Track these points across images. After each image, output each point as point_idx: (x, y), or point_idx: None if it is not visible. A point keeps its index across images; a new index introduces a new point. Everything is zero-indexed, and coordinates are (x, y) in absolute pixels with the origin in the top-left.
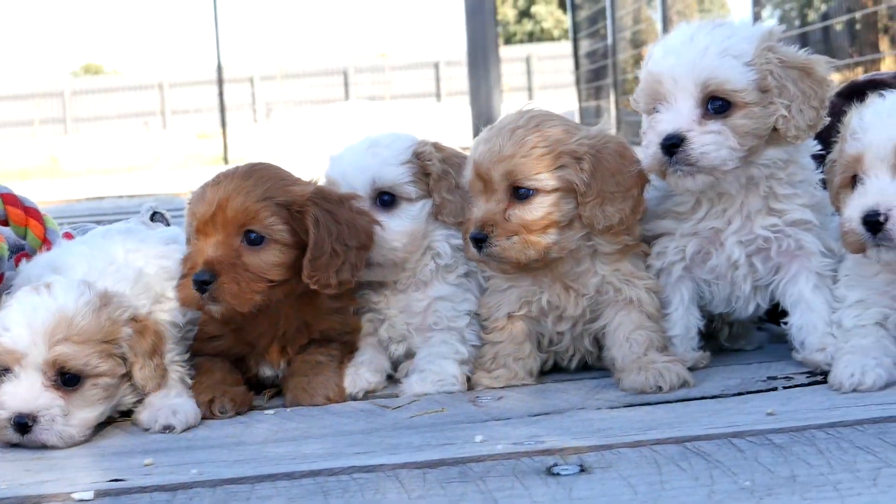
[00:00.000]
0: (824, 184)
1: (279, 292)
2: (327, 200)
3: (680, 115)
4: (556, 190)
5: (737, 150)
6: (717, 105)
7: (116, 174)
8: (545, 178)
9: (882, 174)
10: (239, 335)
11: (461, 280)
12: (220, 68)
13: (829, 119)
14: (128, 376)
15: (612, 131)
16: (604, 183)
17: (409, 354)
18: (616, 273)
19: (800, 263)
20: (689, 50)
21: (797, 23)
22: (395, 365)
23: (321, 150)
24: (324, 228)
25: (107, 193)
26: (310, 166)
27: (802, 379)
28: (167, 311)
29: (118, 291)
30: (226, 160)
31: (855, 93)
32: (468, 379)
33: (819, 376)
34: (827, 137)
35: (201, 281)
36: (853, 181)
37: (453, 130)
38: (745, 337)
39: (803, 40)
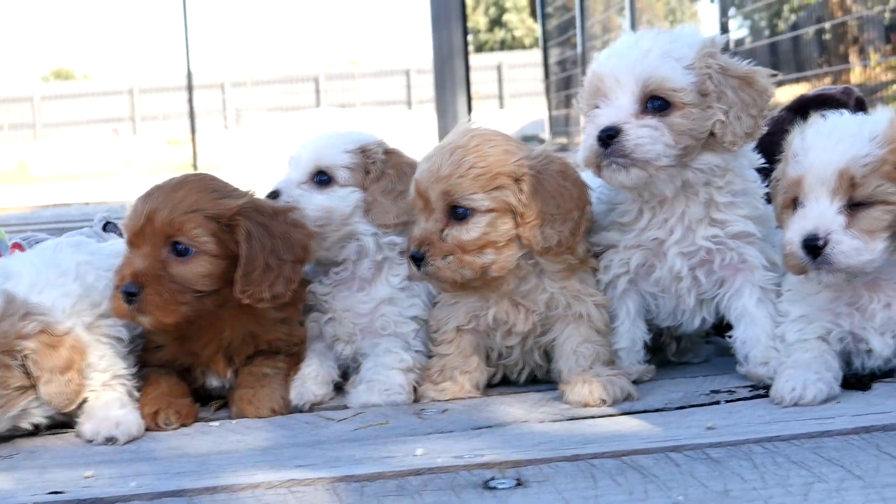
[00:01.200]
0: (769, 198)
1: (208, 303)
2: (260, 213)
3: (619, 109)
4: (492, 210)
5: (671, 147)
6: (656, 104)
7: (86, 180)
8: (481, 199)
9: (822, 198)
10: (184, 345)
11: (406, 283)
12: (189, 75)
13: (766, 128)
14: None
15: (557, 151)
16: (544, 204)
17: (357, 358)
18: (564, 290)
19: (743, 277)
20: (632, 52)
21: (767, 32)
22: (345, 372)
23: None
24: (256, 242)
25: (75, 200)
26: (280, 173)
27: (745, 392)
28: (112, 325)
29: (44, 304)
30: (195, 166)
31: (803, 107)
32: (415, 389)
33: (762, 390)
34: (772, 151)
35: (128, 293)
36: (794, 202)
37: (423, 138)
38: (693, 351)
39: (773, 50)
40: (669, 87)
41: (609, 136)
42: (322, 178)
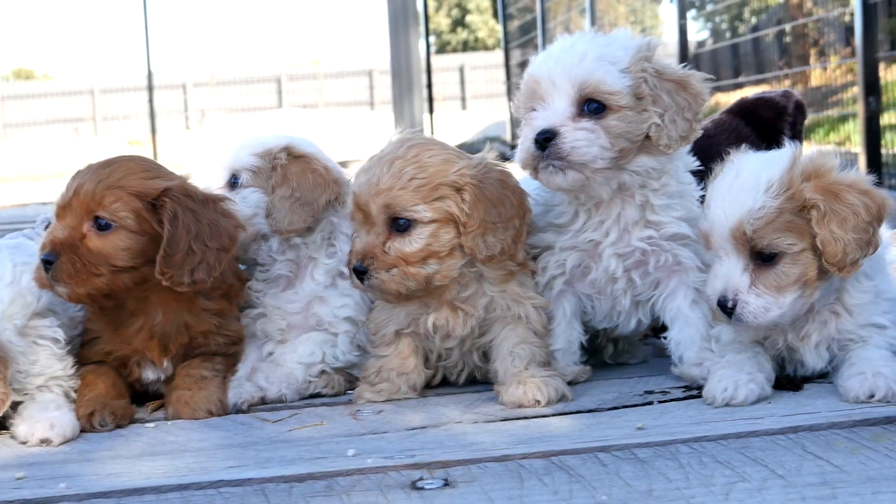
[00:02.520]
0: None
1: (126, 279)
2: (190, 197)
3: (555, 112)
4: (434, 221)
5: (608, 150)
6: (592, 107)
7: (47, 180)
8: (423, 210)
9: (726, 256)
10: (117, 332)
11: (332, 281)
12: (150, 75)
13: (703, 131)
14: None
15: (495, 158)
16: (485, 213)
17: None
18: (504, 294)
19: (678, 279)
20: (568, 55)
21: (728, 35)
22: None
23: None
24: (182, 225)
25: (35, 200)
26: (203, 177)
27: (679, 393)
28: (49, 325)
29: None
30: None
31: (743, 110)
32: (352, 387)
33: (695, 390)
34: (711, 154)
35: (45, 261)
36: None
37: (385, 138)
38: (630, 352)
39: (734, 52)
40: (605, 90)
41: (545, 139)
42: (233, 181)
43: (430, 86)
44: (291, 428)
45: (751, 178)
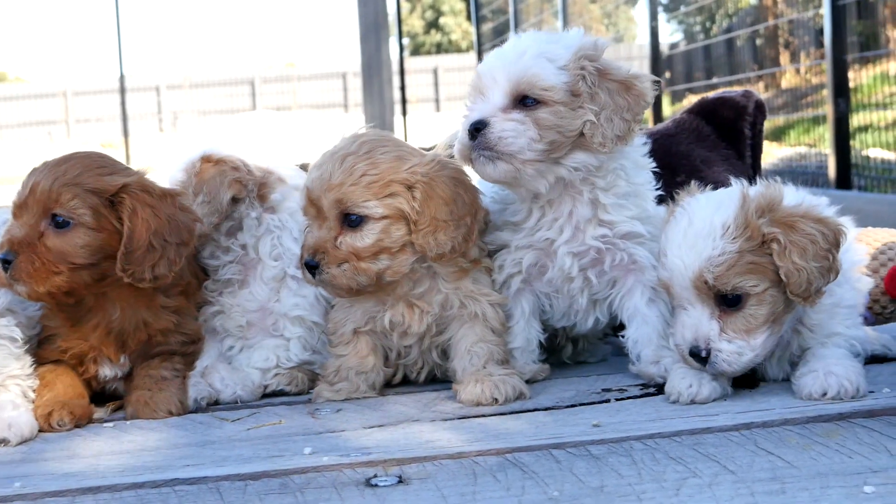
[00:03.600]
0: (661, 199)
1: (85, 276)
2: (148, 193)
3: (490, 105)
4: (385, 217)
5: (536, 142)
6: (528, 102)
7: (20, 183)
8: (374, 206)
9: (692, 305)
10: (75, 330)
11: (285, 280)
12: (122, 77)
13: (642, 132)
14: None
15: (448, 156)
16: (437, 211)
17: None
18: (458, 291)
19: (634, 277)
20: (510, 52)
21: (701, 36)
22: None
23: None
24: (141, 221)
25: (5, 203)
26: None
27: (636, 391)
28: (6, 325)
29: None
30: None
31: (704, 109)
32: (312, 387)
33: (652, 388)
34: (672, 152)
35: (4, 260)
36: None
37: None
38: (590, 351)
39: (706, 54)
40: (539, 85)
41: (476, 129)
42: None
43: (403, 88)
44: (250, 427)
45: (705, 223)
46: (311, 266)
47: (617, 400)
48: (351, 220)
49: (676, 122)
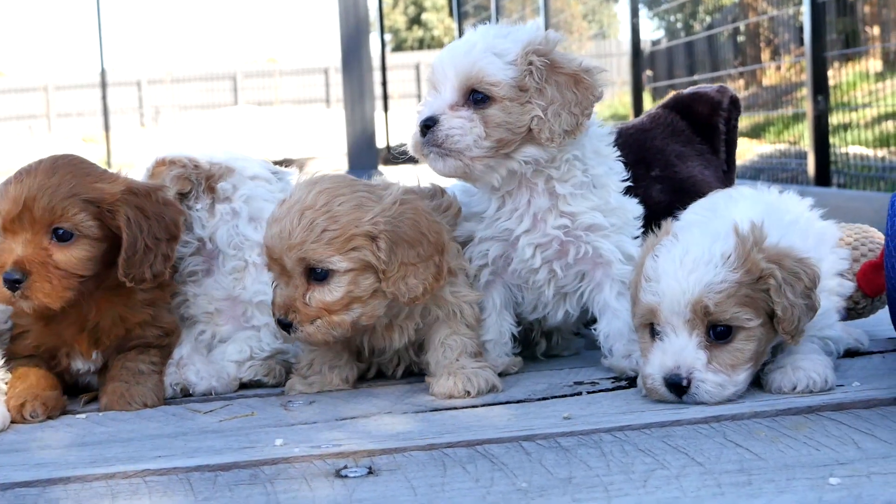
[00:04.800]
0: (629, 190)
1: (90, 286)
2: (137, 196)
3: (440, 100)
4: (352, 270)
5: (483, 139)
6: (478, 97)
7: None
8: (338, 261)
9: (679, 331)
10: (49, 327)
11: (248, 268)
12: (103, 72)
13: (586, 120)
14: None
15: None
16: (404, 256)
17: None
18: (436, 298)
19: (602, 271)
20: (461, 46)
21: (683, 33)
22: None
23: (222, 157)
24: (135, 225)
25: None
26: None
27: (608, 384)
28: None
29: None
30: (109, 164)
31: (680, 105)
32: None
33: (623, 381)
34: (647, 147)
35: (13, 280)
36: (652, 327)
37: (341, 136)
38: (564, 345)
39: (688, 50)
40: (487, 81)
41: (427, 126)
42: None
43: (384, 83)
44: (222, 419)
45: (705, 251)
46: (285, 324)
47: (589, 393)
48: (317, 274)
49: (651, 116)
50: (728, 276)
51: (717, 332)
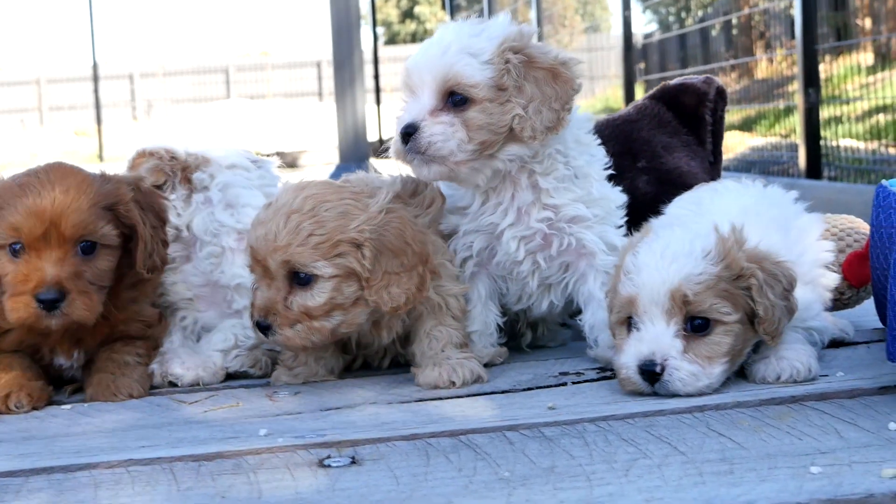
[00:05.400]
0: (611, 178)
1: (106, 291)
2: (137, 191)
3: (419, 106)
4: (335, 276)
5: (466, 143)
6: (456, 99)
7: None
8: (323, 266)
9: (657, 320)
10: (33, 329)
11: (224, 253)
12: (95, 65)
13: (567, 113)
14: None
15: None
16: (388, 265)
17: (207, 328)
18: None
19: (586, 262)
20: (434, 47)
21: (676, 26)
22: None
23: (201, 148)
24: (146, 223)
25: None
26: None
27: (593, 374)
28: None
29: None
30: (101, 157)
31: (666, 96)
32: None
33: (609, 372)
34: (634, 138)
35: (51, 300)
36: (629, 321)
37: (334, 129)
38: (550, 336)
39: (681, 43)
40: (466, 83)
41: (408, 133)
42: None
43: (377, 77)
44: (207, 409)
45: (685, 245)
46: (264, 327)
47: (574, 383)
48: (300, 279)
49: (638, 107)
50: (708, 268)
51: (695, 325)
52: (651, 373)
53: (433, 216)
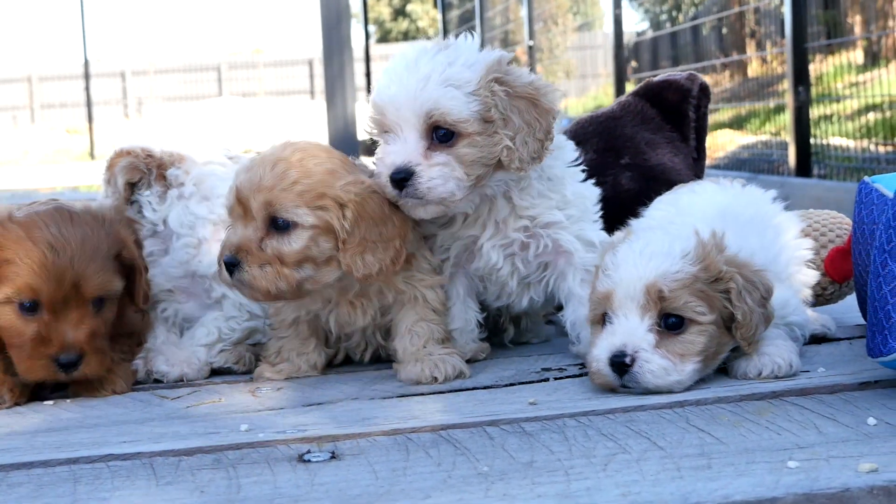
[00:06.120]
0: (591, 175)
1: None
2: (131, 228)
3: (407, 146)
4: (314, 227)
5: (464, 181)
6: (441, 134)
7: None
8: (304, 214)
9: (631, 314)
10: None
11: (200, 244)
12: (86, 63)
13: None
14: None
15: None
16: (366, 231)
17: (189, 319)
18: (389, 282)
19: (564, 259)
20: (411, 78)
21: (668, 24)
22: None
23: (177, 146)
24: (142, 257)
25: None
26: None
27: (575, 370)
28: None
29: None
30: (92, 155)
31: (650, 93)
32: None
33: None
34: (616, 134)
35: (69, 363)
36: (604, 318)
37: (326, 127)
38: (533, 331)
39: (673, 42)
40: (453, 118)
41: (403, 179)
42: None
43: (368, 74)
44: (189, 405)
45: (664, 245)
46: (231, 264)
47: (556, 379)
48: (278, 224)
49: (621, 104)
50: (685, 267)
51: (669, 323)
52: (621, 364)
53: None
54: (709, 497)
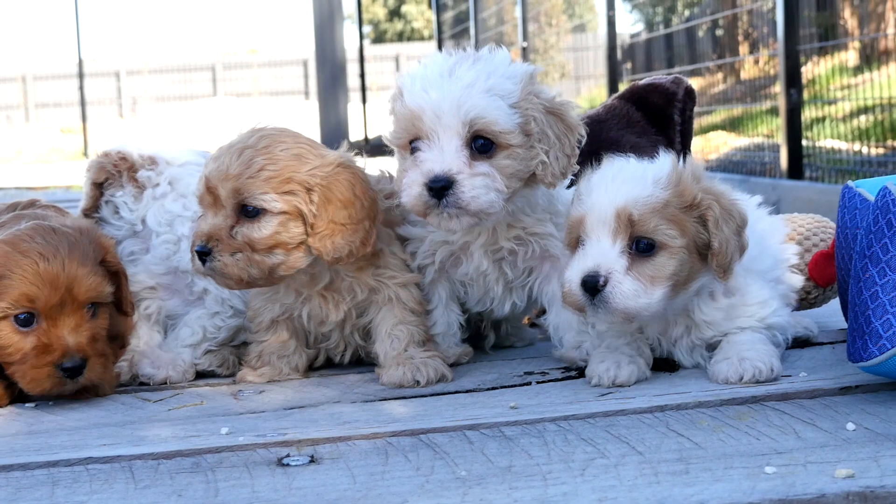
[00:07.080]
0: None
1: None
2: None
3: (447, 155)
4: (283, 213)
5: (503, 193)
6: (480, 144)
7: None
8: (272, 200)
9: (603, 238)
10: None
11: (179, 241)
12: (80, 62)
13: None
14: None
15: (352, 156)
16: (335, 214)
17: (172, 316)
18: (361, 280)
19: (550, 264)
20: (454, 85)
21: (662, 26)
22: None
23: (154, 149)
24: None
25: None
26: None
27: (557, 374)
28: None
29: None
30: (86, 155)
31: (635, 96)
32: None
33: (573, 372)
34: (601, 138)
35: (76, 367)
36: (578, 242)
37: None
38: (516, 335)
39: (667, 44)
40: (497, 128)
41: (443, 188)
42: None
43: (363, 75)
44: (171, 408)
45: (637, 171)
46: (203, 253)
47: (538, 383)
48: (248, 211)
49: (607, 107)
50: (657, 192)
51: (641, 247)
52: (594, 286)
53: (388, 206)
54: (684, 502)
